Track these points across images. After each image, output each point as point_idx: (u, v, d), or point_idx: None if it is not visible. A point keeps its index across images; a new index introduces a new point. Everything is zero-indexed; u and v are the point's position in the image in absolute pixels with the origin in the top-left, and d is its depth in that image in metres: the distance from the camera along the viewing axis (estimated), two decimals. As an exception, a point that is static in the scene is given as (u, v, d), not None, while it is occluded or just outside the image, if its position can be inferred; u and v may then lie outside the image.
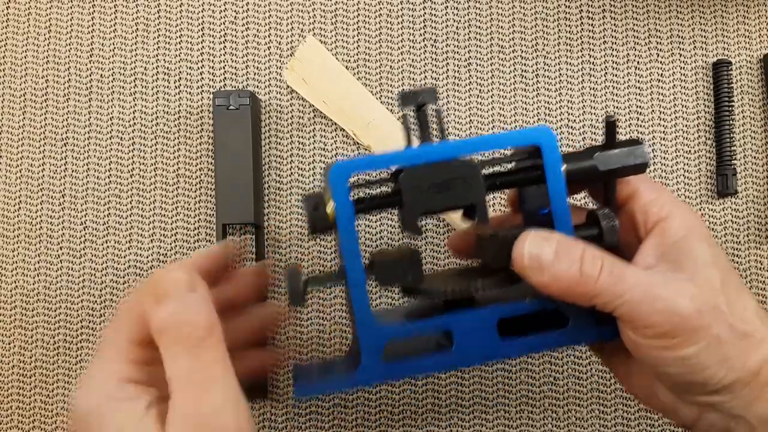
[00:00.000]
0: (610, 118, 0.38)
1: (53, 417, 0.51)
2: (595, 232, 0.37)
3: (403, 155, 0.36)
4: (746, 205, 0.52)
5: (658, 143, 0.53)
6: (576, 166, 0.37)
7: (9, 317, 0.51)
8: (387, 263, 0.37)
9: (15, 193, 0.52)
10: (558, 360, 0.51)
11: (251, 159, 0.49)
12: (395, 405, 0.51)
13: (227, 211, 0.49)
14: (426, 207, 0.36)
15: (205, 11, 0.54)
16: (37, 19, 0.54)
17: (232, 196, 0.49)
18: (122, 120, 0.53)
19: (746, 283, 0.52)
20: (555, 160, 0.37)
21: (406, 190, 0.36)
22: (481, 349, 0.37)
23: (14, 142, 0.53)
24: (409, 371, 0.37)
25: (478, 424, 0.51)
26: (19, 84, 0.53)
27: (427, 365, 0.37)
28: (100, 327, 0.51)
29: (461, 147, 0.36)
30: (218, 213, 0.49)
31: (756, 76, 0.53)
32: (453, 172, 0.36)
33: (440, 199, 0.36)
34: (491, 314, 0.37)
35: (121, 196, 0.52)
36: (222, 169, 0.49)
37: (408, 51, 0.53)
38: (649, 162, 0.38)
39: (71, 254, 0.52)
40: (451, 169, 0.36)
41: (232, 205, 0.49)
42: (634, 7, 0.54)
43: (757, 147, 0.53)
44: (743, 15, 0.54)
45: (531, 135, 0.37)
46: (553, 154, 0.36)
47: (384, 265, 0.37)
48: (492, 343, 0.37)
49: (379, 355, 0.37)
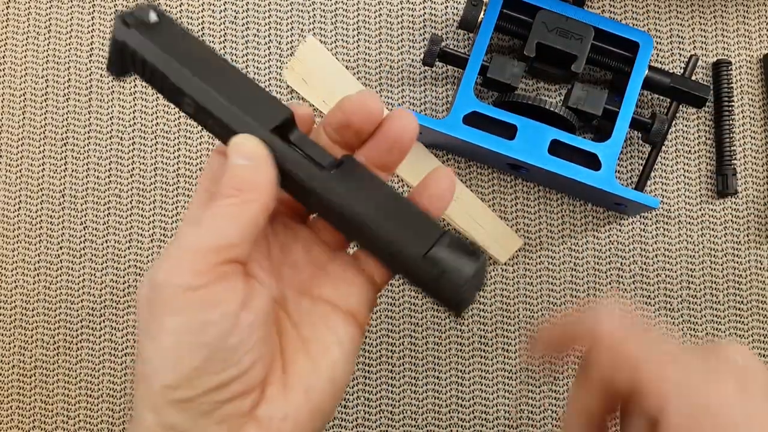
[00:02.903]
0: (695, 56, 0.51)
1: (53, 417, 0.51)
2: (648, 123, 0.49)
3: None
4: (746, 205, 0.52)
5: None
6: (655, 73, 0.49)
7: (9, 317, 0.51)
8: (501, 61, 0.49)
9: (15, 193, 0.52)
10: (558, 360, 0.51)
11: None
12: (395, 405, 0.51)
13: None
14: (545, 39, 0.48)
15: (205, 11, 0.54)
16: (37, 19, 0.54)
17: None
18: (122, 120, 0.53)
19: (746, 282, 0.52)
20: (645, 57, 0.49)
21: (537, 22, 0.48)
22: (531, 151, 0.47)
23: (14, 142, 0.53)
24: (477, 137, 0.47)
25: (478, 424, 0.51)
26: (19, 84, 0.53)
27: (490, 140, 0.47)
28: (100, 327, 0.51)
29: (585, 14, 0.49)
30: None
31: (756, 76, 0.53)
32: (573, 27, 0.48)
33: (556, 40, 0.48)
34: (549, 131, 0.48)
35: (121, 196, 0.52)
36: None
37: (408, 51, 0.53)
38: (708, 100, 0.49)
39: (71, 254, 0.52)
40: (573, 24, 0.48)
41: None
42: (634, 7, 0.54)
43: (757, 147, 0.53)
44: (743, 15, 0.54)
45: (638, 33, 0.49)
46: (645, 53, 0.49)
47: (498, 61, 0.48)
48: (540, 152, 0.47)
49: (462, 115, 0.48)
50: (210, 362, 0.28)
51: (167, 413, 0.28)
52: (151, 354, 0.28)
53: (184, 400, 0.28)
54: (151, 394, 0.29)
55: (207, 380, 0.28)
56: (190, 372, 0.28)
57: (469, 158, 0.52)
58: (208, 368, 0.28)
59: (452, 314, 0.31)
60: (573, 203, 0.52)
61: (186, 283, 0.28)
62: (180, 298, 0.28)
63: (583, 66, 0.48)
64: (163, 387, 0.28)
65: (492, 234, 0.51)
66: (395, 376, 0.51)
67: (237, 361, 0.29)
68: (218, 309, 0.28)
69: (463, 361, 0.51)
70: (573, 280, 0.52)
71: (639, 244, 0.52)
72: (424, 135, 0.50)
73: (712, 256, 0.52)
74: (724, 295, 0.51)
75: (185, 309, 0.28)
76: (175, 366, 0.28)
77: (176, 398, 0.28)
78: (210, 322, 0.28)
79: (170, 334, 0.28)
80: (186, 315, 0.28)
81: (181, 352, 0.28)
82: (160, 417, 0.29)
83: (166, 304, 0.28)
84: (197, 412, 0.29)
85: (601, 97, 0.48)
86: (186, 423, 0.29)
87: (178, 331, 0.28)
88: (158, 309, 0.28)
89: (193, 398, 0.28)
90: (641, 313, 0.52)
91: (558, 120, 0.48)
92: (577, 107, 0.48)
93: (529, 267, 0.52)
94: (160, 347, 0.28)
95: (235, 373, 0.29)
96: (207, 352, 0.28)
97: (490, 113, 0.48)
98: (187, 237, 0.29)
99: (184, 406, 0.28)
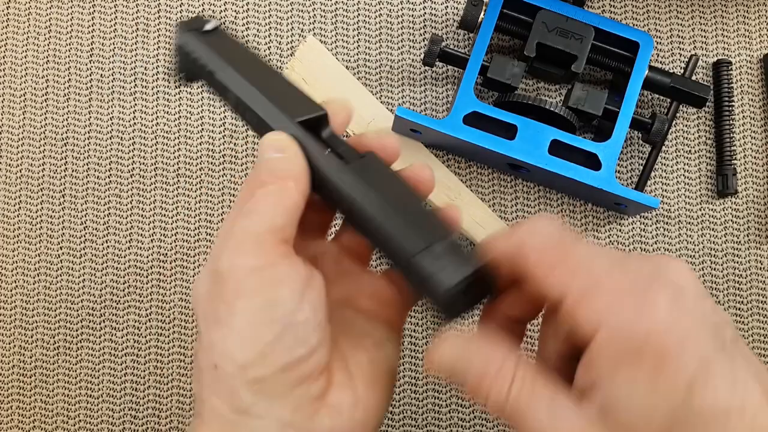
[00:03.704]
0: (695, 56, 0.51)
1: (53, 417, 0.51)
2: (648, 123, 0.49)
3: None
4: (746, 205, 0.52)
5: (658, 143, 0.53)
6: (655, 73, 0.49)
7: (9, 317, 0.51)
8: (501, 61, 0.48)
9: (15, 193, 0.52)
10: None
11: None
12: (395, 405, 0.51)
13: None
14: (546, 39, 0.48)
15: (206, 11, 0.54)
16: (37, 19, 0.54)
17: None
18: (122, 120, 0.53)
19: (746, 282, 0.52)
20: (645, 57, 0.49)
21: (538, 22, 0.48)
22: (531, 151, 0.47)
23: (14, 142, 0.53)
24: (477, 137, 0.47)
25: (478, 425, 0.51)
26: (19, 84, 0.53)
27: (490, 140, 0.47)
28: (100, 327, 0.51)
29: (585, 14, 0.49)
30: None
31: (756, 76, 0.53)
32: (573, 27, 0.48)
33: (556, 40, 0.48)
34: (549, 131, 0.48)
35: (121, 196, 0.52)
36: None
37: (408, 51, 0.53)
38: (708, 100, 0.49)
39: (71, 254, 0.52)
40: (573, 24, 0.48)
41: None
42: (634, 7, 0.54)
43: (757, 147, 0.53)
44: (743, 15, 0.54)
45: (638, 33, 0.49)
46: (645, 53, 0.49)
47: (498, 61, 0.48)
48: (541, 152, 0.47)
49: (463, 115, 0.47)
50: (282, 338, 0.29)
51: (242, 396, 0.29)
52: (223, 339, 0.29)
53: (258, 379, 0.29)
54: (224, 379, 0.29)
55: (280, 356, 0.29)
56: (264, 347, 0.29)
57: (469, 158, 0.52)
58: (280, 344, 0.29)
59: (442, 318, 0.31)
60: (573, 203, 0.52)
61: (252, 264, 0.29)
62: (249, 280, 0.29)
63: (583, 66, 0.48)
64: (239, 367, 0.29)
65: (492, 234, 0.51)
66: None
67: (306, 339, 0.29)
68: (286, 286, 0.29)
69: (463, 361, 0.51)
70: (573, 280, 0.52)
71: (639, 244, 0.52)
72: (424, 135, 0.50)
73: (712, 256, 0.52)
74: (724, 295, 0.51)
75: (255, 289, 0.29)
76: (250, 344, 0.29)
77: (251, 377, 0.29)
78: (279, 299, 0.29)
79: (242, 315, 0.29)
80: (256, 295, 0.29)
81: (255, 329, 0.29)
82: (233, 401, 0.29)
83: (235, 288, 0.29)
84: (271, 393, 0.29)
85: (602, 97, 0.48)
86: (260, 405, 0.29)
87: (250, 311, 0.29)
88: (227, 295, 0.29)
89: (267, 378, 0.29)
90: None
91: (558, 120, 0.48)
92: (577, 107, 0.48)
93: (529, 267, 0.52)
94: (233, 329, 0.29)
95: (304, 352, 0.29)
96: (279, 327, 0.29)
97: (491, 113, 0.48)
98: (241, 224, 0.30)
99: (259, 387, 0.29)
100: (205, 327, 0.30)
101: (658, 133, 0.49)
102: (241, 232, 0.30)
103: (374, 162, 0.32)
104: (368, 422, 0.31)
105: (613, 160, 0.48)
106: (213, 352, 0.29)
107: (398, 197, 0.31)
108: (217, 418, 0.29)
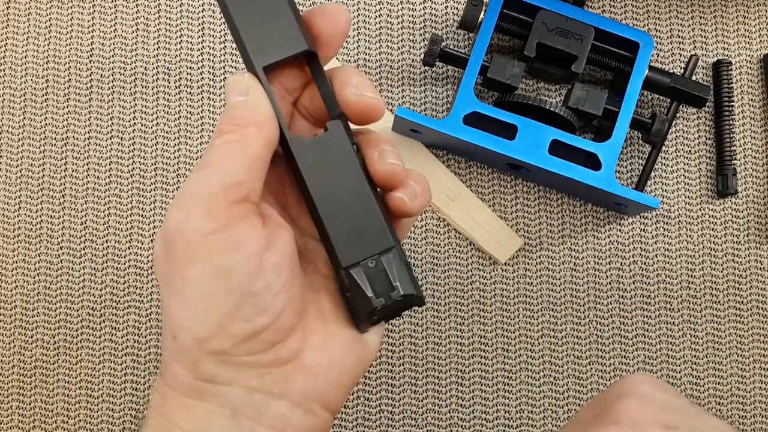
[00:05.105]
0: (695, 56, 0.51)
1: (53, 417, 0.51)
2: (648, 123, 0.49)
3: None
4: (746, 205, 0.52)
5: (658, 143, 0.53)
6: (655, 73, 0.49)
7: (9, 317, 0.51)
8: (501, 61, 0.48)
9: (15, 193, 0.52)
10: (558, 360, 0.51)
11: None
12: (395, 405, 0.51)
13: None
14: (546, 39, 0.48)
15: (205, 11, 0.54)
16: (37, 19, 0.54)
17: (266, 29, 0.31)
18: (122, 120, 0.53)
19: (746, 282, 0.52)
20: (645, 57, 0.49)
21: (538, 22, 0.48)
22: (531, 151, 0.47)
23: (14, 142, 0.53)
24: (477, 137, 0.47)
25: (478, 425, 0.51)
26: (19, 84, 0.53)
27: (490, 140, 0.47)
28: (100, 327, 0.51)
29: (585, 14, 0.49)
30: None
31: (756, 76, 0.53)
32: (573, 27, 0.48)
33: (556, 40, 0.48)
34: (549, 131, 0.48)
35: (121, 196, 0.52)
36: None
37: (408, 51, 0.53)
38: (708, 100, 0.49)
39: (71, 254, 0.52)
40: (573, 24, 0.48)
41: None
42: (634, 7, 0.54)
43: (757, 147, 0.53)
44: (743, 15, 0.54)
45: (638, 33, 0.49)
46: (645, 53, 0.49)
47: (498, 61, 0.48)
48: (541, 152, 0.47)
49: (463, 115, 0.47)
50: (240, 309, 0.27)
51: (205, 366, 0.27)
52: (178, 308, 0.27)
53: (219, 351, 0.27)
54: (184, 350, 0.27)
55: (240, 327, 0.27)
56: (221, 320, 0.26)
57: (469, 158, 0.52)
58: (238, 315, 0.27)
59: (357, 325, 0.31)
60: (573, 203, 0.52)
61: (202, 228, 0.26)
62: (199, 245, 0.26)
63: (583, 66, 0.48)
64: (196, 340, 0.27)
65: (492, 234, 0.51)
66: (395, 376, 0.51)
67: (267, 306, 0.27)
68: (241, 251, 0.27)
69: (463, 361, 0.51)
70: (573, 280, 0.52)
71: (639, 244, 0.52)
72: (424, 135, 0.50)
73: (712, 256, 0.52)
74: (724, 295, 0.51)
75: (206, 255, 0.26)
76: (204, 316, 0.27)
77: (212, 350, 0.27)
78: (234, 265, 0.26)
79: (195, 285, 0.27)
80: (208, 261, 0.26)
81: (209, 301, 0.27)
82: (198, 371, 0.27)
83: (185, 254, 0.27)
84: (235, 363, 0.27)
85: (602, 97, 0.48)
86: (225, 374, 0.27)
87: (203, 279, 0.27)
88: (178, 260, 0.27)
89: (229, 349, 0.27)
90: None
91: (558, 120, 0.48)
92: (577, 107, 0.48)
93: (529, 267, 0.52)
94: (186, 299, 0.27)
95: (267, 320, 0.27)
96: (235, 297, 0.27)
97: (491, 113, 0.48)
98: (193, 182, 0.27)
99: (222, 358, 0.27)
100: (164, 293, 0.28)
101: (658, 133, 0.49)
102: (191, 190, 0.27)
103: (338, 136, 0.30)
104: (342, 383, 0.30)
105: (613, 160, 0.48)
106: (171, 322, 0.27)
107: (351, 192, 0.30)
108: (180, 384, 0.28)
